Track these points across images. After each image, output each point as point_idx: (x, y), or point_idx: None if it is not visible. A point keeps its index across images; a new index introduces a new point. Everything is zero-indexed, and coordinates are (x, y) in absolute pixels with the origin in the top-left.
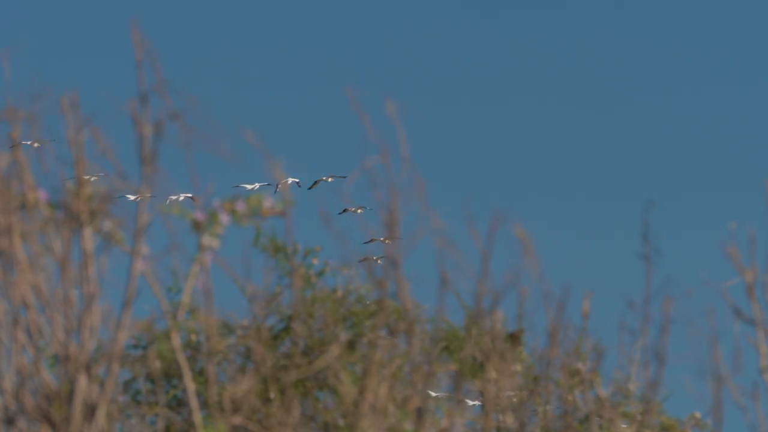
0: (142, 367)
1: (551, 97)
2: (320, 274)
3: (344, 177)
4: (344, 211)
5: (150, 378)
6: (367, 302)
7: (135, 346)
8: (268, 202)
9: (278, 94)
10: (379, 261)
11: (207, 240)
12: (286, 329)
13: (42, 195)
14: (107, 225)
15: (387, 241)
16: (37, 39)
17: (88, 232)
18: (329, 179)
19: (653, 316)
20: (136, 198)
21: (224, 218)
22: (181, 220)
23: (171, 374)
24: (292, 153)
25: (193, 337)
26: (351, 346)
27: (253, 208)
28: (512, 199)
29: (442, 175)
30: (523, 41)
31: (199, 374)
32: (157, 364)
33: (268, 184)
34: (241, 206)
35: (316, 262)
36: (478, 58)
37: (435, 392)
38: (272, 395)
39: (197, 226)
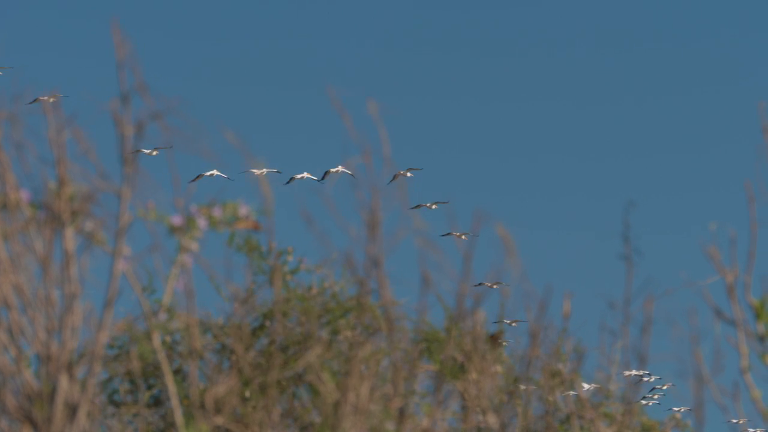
0: (119, 368)
1: (533, 98)
2: (294, 272)
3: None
4: (418, 206)
5: (128, 378)
6: (342, 300)
7: (111, 347)
8: (243, 210)
9: (259, 95)
10: (464, 237)
11: (186, 242)
12: (261, 327)
13: (23, 195)
14: (89, 225)
15: (464, 236)
16: (17, 39)
17: (69, 232)
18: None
19: (634, 317)
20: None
21: (202, 223)
22: (159, 225)
23: (148, 374)
24: (272, 153)
25: (168, 338)
26: (328, 343)
27: (228, 216)
28: (494, 200)
29: (423, 176)
30: (503, 42)
31: (176, 374)
32: (136, 364)
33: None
34: (217, 212)
35: (290, 259)
36: (458, 58)
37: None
38: (249, 394)
39: (175, 231)
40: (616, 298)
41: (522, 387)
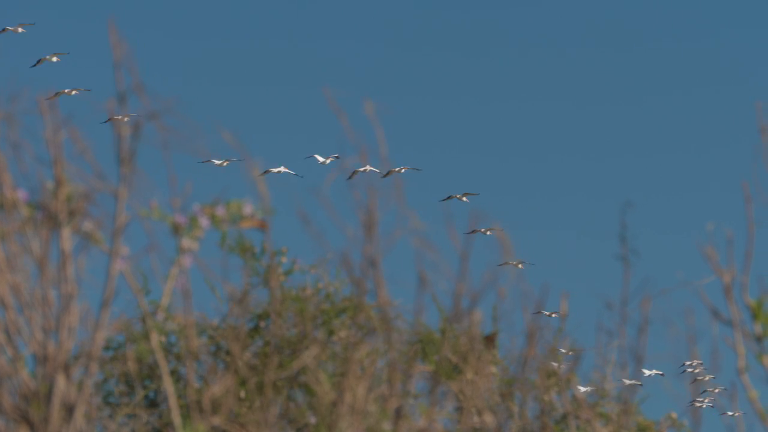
0: (114, 369)
1: (530, 98)
2: (288, 273)
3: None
4: (449, 197)
5: (124, 379)
6: (336, 301)
7: (107, 348)
8: (248, 209)
9: (256, 94)
10: (520, 265)
11: (186, 242)
12: (256, 328)
13: (21, 195)
14: (86, 225)
15: (488, 232)
16: (13, 39)
17: (66, 232)
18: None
19: (631, 317)
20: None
21: (204, 222)
22: (161, 224)
23: (143, 376)
24: (269, 153)
25: (163, 339)
26: (323, 344)
27: (232, 214)
28: (490, 200)
29: (420, 176)
30: (502, 42)
31: (171, 374)
32: (133, 365)
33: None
34: (220, 211)
35: (285, 260)
36: (457, 58)
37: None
38: (245, 395)
39: (177, 230)
40: (613, 299)
41: (518, 387)
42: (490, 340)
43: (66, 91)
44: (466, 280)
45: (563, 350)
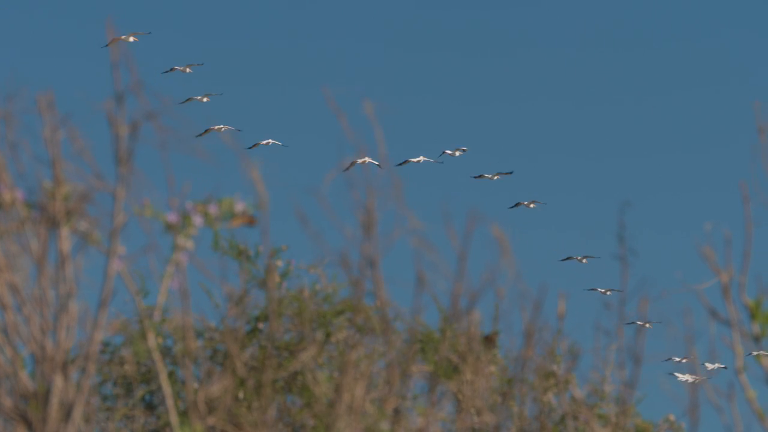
0: (111, 371)
1: (528, 97)
2: (284, 275)
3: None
4: (480, 176)
5: (122, 381)
6: (335, 302)
7: (103, 352)
8: (239, 206)
9: (254, 94)
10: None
11: (182, 241)
12: (254, 330)
13: (18, 195)
14: (84, 225)
15: (531, 205)
16: (12, 38)
17: (64, 232)
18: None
19: (629, 317)
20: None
21: (197, 220)
22: (155, 222)
23: (140, 378)
24: (267, 153)
25: (160, 340)
26: (321, 345)
27: (224, 212)
28: (489, 199)
29: (419, 175)
30: (502, 42)
31: (168, 376)
32: (131, 367)
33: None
34: (213, 209)
35: (280, 264)
36: (454, 57)
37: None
38: (243, 396)
39: (170, 228)
40: (611, 299)
41: (516, 388)
42: (490, 339)
43: (181, 68)
44: (464, 280)
45: (561, 351)
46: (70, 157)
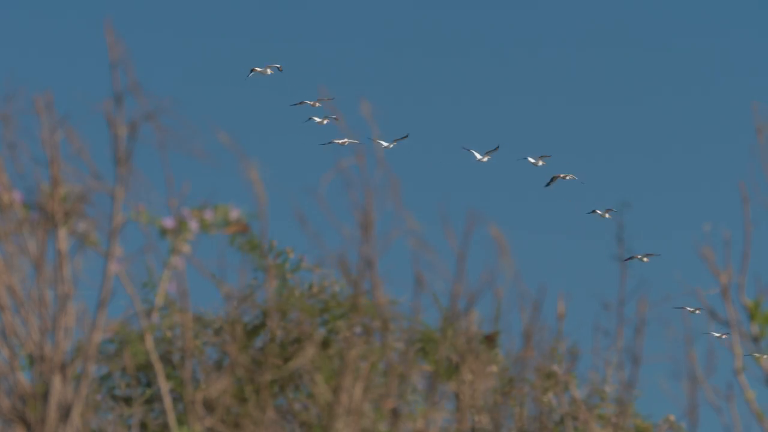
0: (116, 364)
1: (527, 98)
2: (296, 269)
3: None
4: (524, 158)
5: (126, 374)
6: (341, 300)
7: (111, 341)
8: (234, 214)
9: (253, 94)
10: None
11: (179, 244)
12: (260, 326)
13: (16, 196)
14: (82, 226)
15: (567, 177)
16: (10, 39)
17: (62, 233)
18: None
19: (628, 318)
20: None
21: (193, 225)
22: (150, 228)
23: (142, 377)
24: (266, 153)
25: (168, 334)
26: (325, 343)
27: (219, 219)
28: (488, 200)
29: (417, 176)
30: (501, 42)
31: (173, 370)
32: (130, 369)
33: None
34: (209, 215)
35: (291, 255)
36: (454, 57)
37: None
38: (245, 394)
39: (166, 233)
40: (611, 299)
41: (515, 388)
42: (490, 339)
43: (260, 69)
44: (463, 281)
45: (560, 351)
46: (68, 158)
